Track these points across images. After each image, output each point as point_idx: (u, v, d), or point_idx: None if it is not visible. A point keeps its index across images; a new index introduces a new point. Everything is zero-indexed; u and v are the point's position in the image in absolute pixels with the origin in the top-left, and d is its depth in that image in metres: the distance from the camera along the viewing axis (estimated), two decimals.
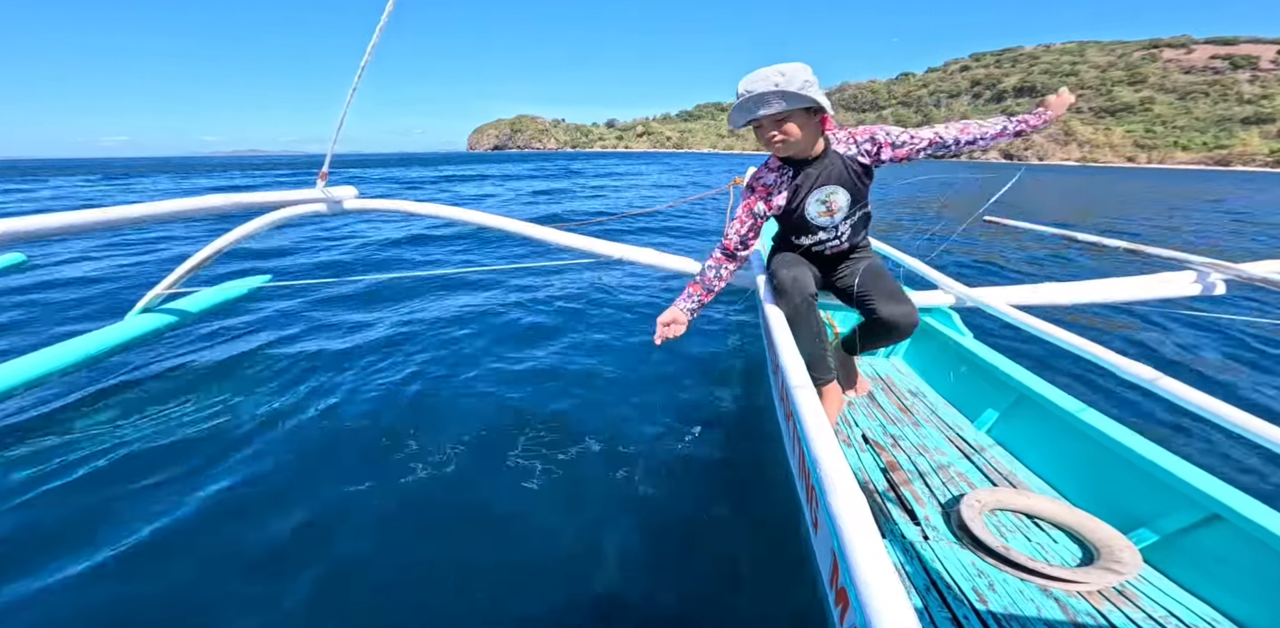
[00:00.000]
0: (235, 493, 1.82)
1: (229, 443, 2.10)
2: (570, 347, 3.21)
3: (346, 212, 2.47)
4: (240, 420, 2.26)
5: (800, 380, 1.24)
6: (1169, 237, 9.26)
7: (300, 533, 1.66)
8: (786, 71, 1.42)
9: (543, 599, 1.46)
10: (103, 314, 3.55)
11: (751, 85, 1.45)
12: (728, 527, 1.74)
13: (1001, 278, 5.62)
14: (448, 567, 1.55)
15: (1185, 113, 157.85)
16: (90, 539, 1.59)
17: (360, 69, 2.00)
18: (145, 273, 4.83)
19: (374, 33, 1.94)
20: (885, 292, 1.66)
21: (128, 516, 1.70)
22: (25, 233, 1.41)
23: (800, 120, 1.49)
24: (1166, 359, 3.36)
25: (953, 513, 1.43)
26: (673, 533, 1.71)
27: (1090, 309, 4.09)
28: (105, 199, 13.67)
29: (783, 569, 1.53)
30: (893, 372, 2.33)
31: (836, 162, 1.62)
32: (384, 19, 1.92)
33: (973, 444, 1.80)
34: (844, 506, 0.82)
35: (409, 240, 6.67)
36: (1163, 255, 1.93)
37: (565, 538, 1.68)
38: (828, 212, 1.68)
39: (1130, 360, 1.38)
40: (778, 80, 1.42)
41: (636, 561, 1.60)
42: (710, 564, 1.60)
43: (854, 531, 0.77)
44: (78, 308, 3.80)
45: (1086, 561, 1.32)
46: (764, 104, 1.44)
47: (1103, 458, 1.51)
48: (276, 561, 1.55)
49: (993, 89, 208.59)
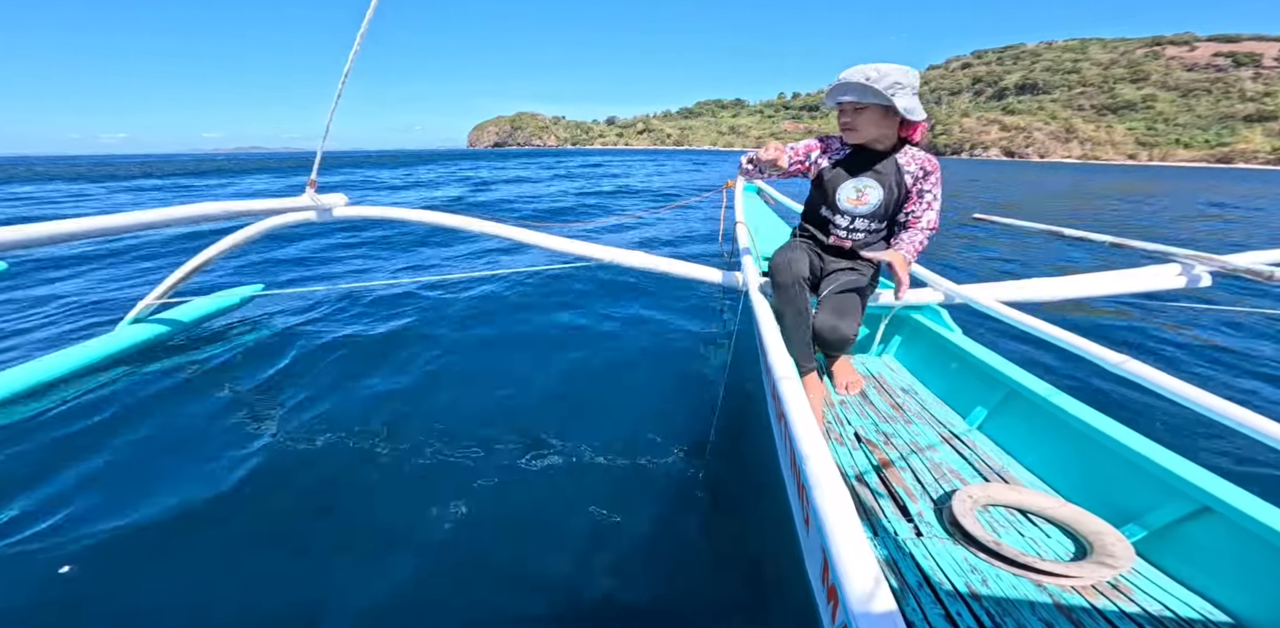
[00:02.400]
0: (215, 498, 1.82)
1: (222, 450, 2.10)
2: (561, 347, 3.20)
3: (336, 219, 2.49)
4: (232, 428, 2.26)
5: (785, 372, 1.24)
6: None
7: (287, 536, 1.66)
8: (883, 70, 1.55)
9: (528, 597, 1.45)
10: (95, 324, 3.55)
11: (849, 75, 1.59)
12: (718, 525, 1.73)
13: (989, 275, 5.61)
14: (444, 567, 1.54)
15: (1187, 110, 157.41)
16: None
17: (344, 74, 2.03)
18: (133, 282, 4.86)
19: (356, 38, 1.97)
20: (834, 305, 1.76)
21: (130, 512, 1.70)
22: (11, 242, 1.42)
23: (875, 115, 1.62)
24: (1153, 352, 3.35)
25: (945, 509, 1.41)
26: (663, 532, 1.70)
27: (1078, 303, 4.07)
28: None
29: (775, 567, 1.52)
30: (884, 370, 2.32)
31: (891, 165, 1.74)
32: (364, 26, 1.94)
33: (964, 440, 1.78)
34: (829, 502, 0.82)
35: (401, 246, 6.70)
36: (1148, 249, 1.94)
37: (549, 537, 1.67)
38: (857, 199, 1.78)
39: (1118, 353, 1.37)
40: (870, 74, 1.55)
41: (625, 559, 1.58)
42: (701, 563, 1.58)
43: (839, 528, 0.77)
44: (68, 319, 3.82)
45: (1079, 555, 1.30)
46: (847, 91, 1.58)
47: (1093, 452, 1.50)
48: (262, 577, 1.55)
49: (994, 86, 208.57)
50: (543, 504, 1.82)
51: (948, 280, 2.17)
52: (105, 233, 1.56)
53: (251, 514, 1.75)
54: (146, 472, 1.96)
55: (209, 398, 2.54)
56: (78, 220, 1.50)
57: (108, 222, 1.56)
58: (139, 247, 6.44)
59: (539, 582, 1.51)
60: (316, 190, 2.45)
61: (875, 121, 1.63)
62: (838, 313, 1.74)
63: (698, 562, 1.59)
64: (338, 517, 1.77)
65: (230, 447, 2.12)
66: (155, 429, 2.25)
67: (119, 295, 4.39)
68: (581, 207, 11.89)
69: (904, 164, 1.73)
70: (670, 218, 9.62)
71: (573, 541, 1.66)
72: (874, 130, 1.65)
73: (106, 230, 1.56)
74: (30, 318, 3.76)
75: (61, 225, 1.47)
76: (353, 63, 2.04)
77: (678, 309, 4.00)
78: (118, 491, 1.85)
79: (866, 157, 1.75)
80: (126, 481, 1.90)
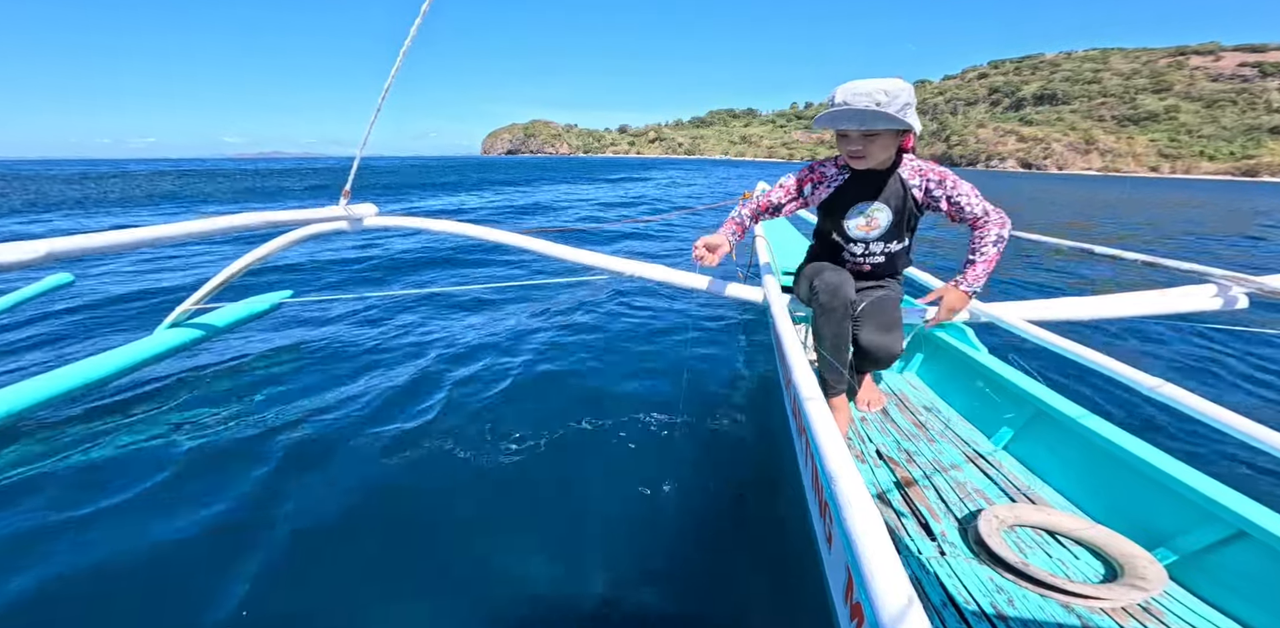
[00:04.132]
0: (235, 505, 1.88)
1: (248, 452, 2.16)
2: (579, 357, 3.24)
3: (367, 229, 2.56)
4: (260, 433, 2.32)
5: (811, 392, 1.25)
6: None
7: (306, 540, 1.70)
8: (890, 90, 1.40)
9: (549, 616, 1.47)
10: (134, 328, 3.67)
11: (852, 99, 1.42)
12: (737, 542, 1.74)
13: (1017, 292, 5.54)
14: (456, 577, 1.58)
15: (1212, 121, 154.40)
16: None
17: (386, 85, 2.09)
18: (169, 287, 4.99)
19: (400, 51, 2.03)
20: (877, 320, 1.71)
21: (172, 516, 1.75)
22: (68, 252, 1.49)
23: (888, 140, 1.51)
24: (1188, 374, 3.28)
25: (969, 528, 1.41)
26: (681, 548, 1.71)
27: (1109, 324, 4.01)
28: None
29: (794, 585, 1.52)
30: (906, 387, 2.32)
31: (896, 184, 1.62)
32: (413, 31, 2.00)
33: (989, 460, 1.78)
34: (859, 520, 0.82)
35: (428, 256, 6.80)
36: (1182, 268, 1.91)
37: (569, 554, 1.69)
38: (866, 226, 1.69)
39: (1153, 377, 1.37)
40: (880, 99, 1.40)
41: (643, 575, 1.60)
42: (720, 580, 1.59)
43: (870, 546, 0.77)
44: (110, 323, 3.94)
45: (1109, 577, 1.29)
46: (859, 120, 1.43)
47: (1124, 474, 1.49)
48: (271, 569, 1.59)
49: (1011, 96, 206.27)
50: (553, 516, 1.85)
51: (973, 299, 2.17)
52: (159, 243, 1.63)
53: (250, 522, 1.79)
54: (180, 474, 2.02)
55: (234, 402, 2.62)
56: (135, 230, 1.57)
57: (161, 231, 1.64)
58: (156, 255, 6.62)
59: (548, 597, 1.52)
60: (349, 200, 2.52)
61: (887, 146, 1.53)
62: (884, 329, 1.70)
63: (714, 577, 1.61)
64: (350, 516, 1.81)
65: (251, 448, 2.18)
66: (181, 431, 2.32)
67: (152, 300, 4.53)
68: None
69: (908, 178, 1.62)
70: (681, 224, 9.68)
71: (582, 556, 1.67)
72: (883, 154, 1.55)
73: (159, 240, 1.63)
74: (82, 324, 3.89)
75: (116, 236, 1.54)
76: (396, 73, 2.11)
77: (698, 319, 4.02)
78: (144, 494, 1.91)
79: (868, 179, 1.63)
80: (195, 477, 1.97)
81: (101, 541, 1.67)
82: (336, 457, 2.16)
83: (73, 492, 1.89)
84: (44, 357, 3.15)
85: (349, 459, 2.14)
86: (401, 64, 2.13)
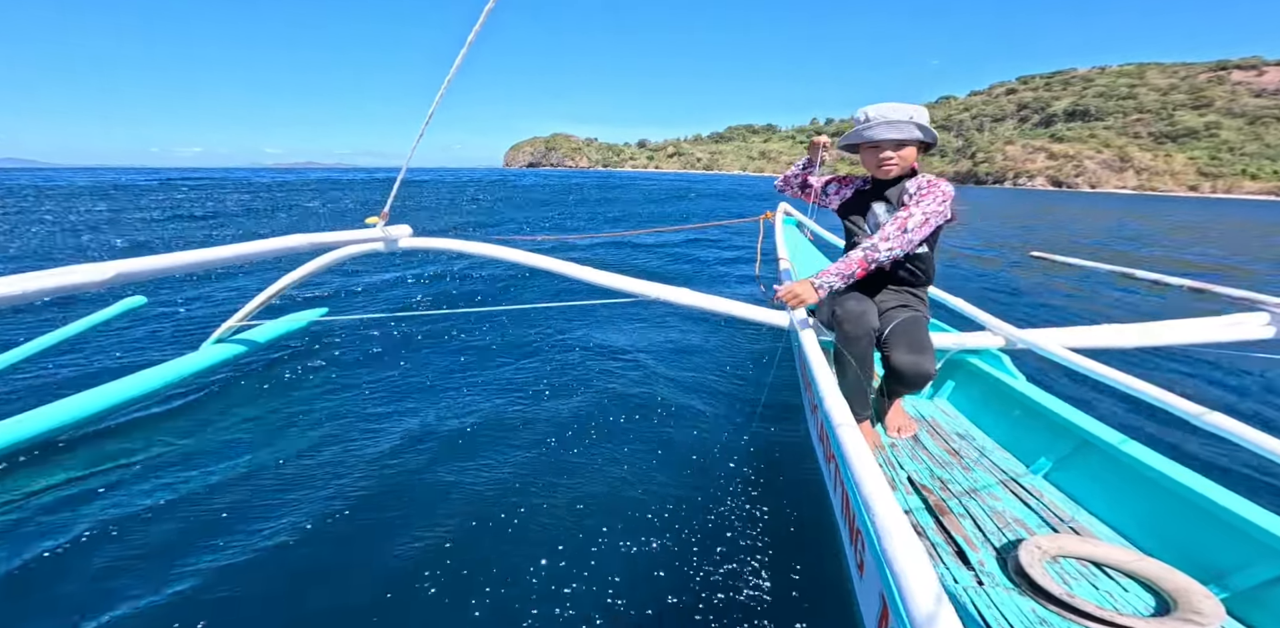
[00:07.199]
0: (280, 515, 1.93)
1: (287, 466, 2.22)
2: (607, 379, 3.26)
3: (402, 249, 2.65)
4: (295, 449, 2.39)
5: (843, 418, 1.25)
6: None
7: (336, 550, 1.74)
8: (910, 110, 1.68)
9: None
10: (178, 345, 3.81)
11: (888, 113, 1.68)
12: (763, 569, 1.72)
13: (1057, 318, 5.39)
14: (492, 587, 1.59)
15: (1255, 139, 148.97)
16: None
17: (435, 99, 2.18)
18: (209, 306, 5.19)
19: (454, 62, 2.12)
20: (907, 342, 1.74)
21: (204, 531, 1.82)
22: (136, 273, 1.59)
23: (915, 150, 1.75)
24: (1239, 406, 3.14)
25: (1009, 558, 1.37)
26: (706, 574, 1.70)
27: (1154, 353, 3.87)
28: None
29: (822, 613, 1.50)
30: (937, 413, 2.27)
31: (901, 189, 1.81)
32: (466, 47, 2.10)
33: (1029, 489, 1.73)
34: (898, 548, 0.81)
35: (460, 278, 6.94)
36: (1233, 295, 1.84)
37: (596, 574, 1.69)
38: (878, 222, 1.87)
39: (1198, 405, 1.33)
40: (913, 113, 1.68)
41: (670, 602, 1.59)
42: (746, 607, 1.57)
43: (910, 574, 0.76)
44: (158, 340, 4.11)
45: (1161, 611, 1.24)
46: (898, 130, 1.67)
47: (1176, 506, 1.44)
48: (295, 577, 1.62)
49: (1041, 112, 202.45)
50: (580, 538, 1.85)
51: (1009, 325, 2.13)
52: (215, 263, 1.73)
53: (288, 533, 1.83)
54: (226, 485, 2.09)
55: (269, 417, 2.69)
56: (195, 252, 1.68)
57: (218, 253, 1.75)
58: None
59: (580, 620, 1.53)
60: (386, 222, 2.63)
61: (913, 156, 1.75)
62: (915, 349, 1.71)
63: (741, 603, 1.58)
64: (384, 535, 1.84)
65: (288, 462, 2.25)
66: (219, 446, 2.40)
67: (195, 315, 4.71)
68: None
69: (909, 186, 1.79)
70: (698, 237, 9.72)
71: (609, 579, 1.67)
72: (907, 165, 1.76)
73: (216, 261, 1.73)
74: (131, 339, 4.07)
75: (183, 257, 1.65)
76: (444, 91, 2.23)
77: (724, 342, 4.02)
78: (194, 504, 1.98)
79: (887, 187, 1.84)
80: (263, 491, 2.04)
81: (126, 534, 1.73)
82: (380, 461, 2.21)
83: (130, 492, 1.97)
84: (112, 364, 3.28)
85: (363, 476, 2.19)
86: (453, 79, 2.26)
